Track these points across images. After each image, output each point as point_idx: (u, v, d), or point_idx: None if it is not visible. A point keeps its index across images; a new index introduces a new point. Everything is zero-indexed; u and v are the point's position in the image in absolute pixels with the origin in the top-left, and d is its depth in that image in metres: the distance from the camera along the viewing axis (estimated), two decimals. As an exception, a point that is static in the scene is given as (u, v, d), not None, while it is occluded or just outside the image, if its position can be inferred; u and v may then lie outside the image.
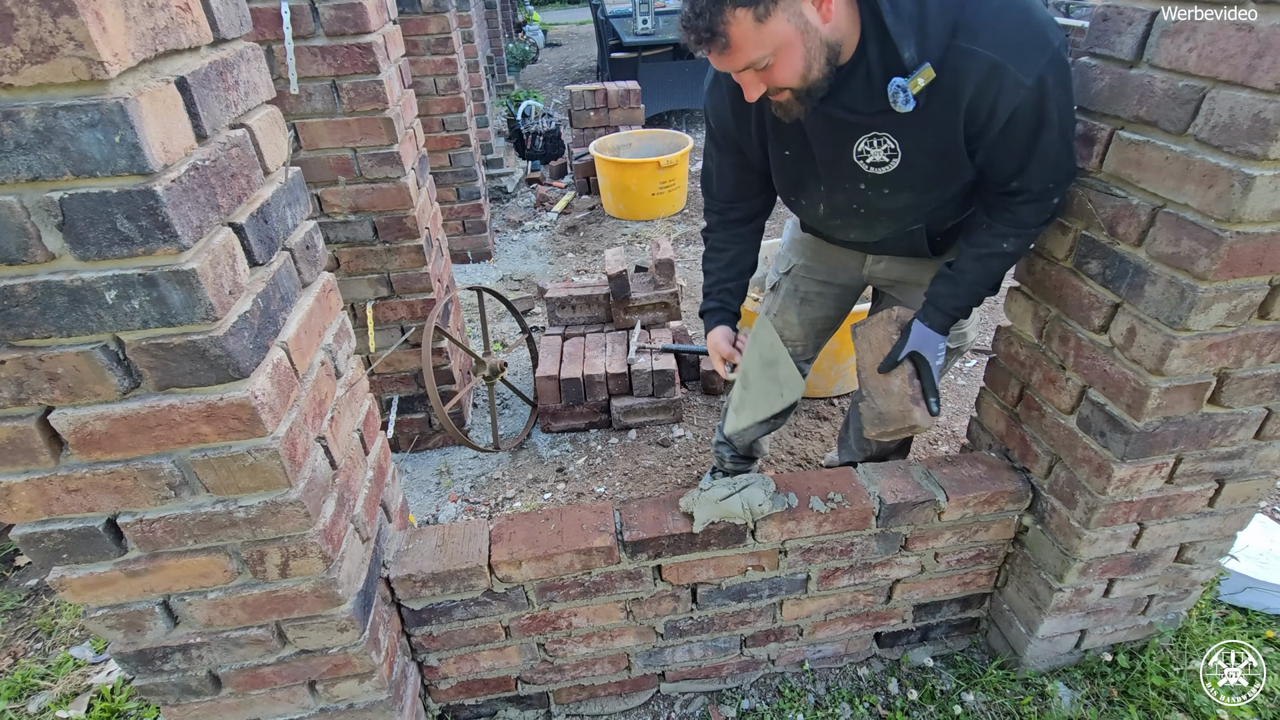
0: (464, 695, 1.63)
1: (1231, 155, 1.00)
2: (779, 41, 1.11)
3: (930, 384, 1.41)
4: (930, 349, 1.41)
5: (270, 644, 1.20)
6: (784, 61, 1.14)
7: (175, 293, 0.81)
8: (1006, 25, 1.11)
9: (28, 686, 1.85)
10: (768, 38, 1.10)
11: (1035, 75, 1.11)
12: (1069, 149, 1.23)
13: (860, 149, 1.31)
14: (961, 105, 1.17)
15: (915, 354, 1.42)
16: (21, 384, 0.85)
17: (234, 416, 0.92)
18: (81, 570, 1.03)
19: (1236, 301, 1.11)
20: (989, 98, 1.15)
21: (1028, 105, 1.15)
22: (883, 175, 1.33)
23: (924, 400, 1.41)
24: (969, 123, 1.20)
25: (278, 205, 1.02)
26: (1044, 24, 1.12)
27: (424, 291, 2.31)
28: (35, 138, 0.71)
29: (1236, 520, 1.50)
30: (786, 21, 1.09)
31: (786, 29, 1.10)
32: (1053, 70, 1.12)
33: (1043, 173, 1.23)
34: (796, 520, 1.43)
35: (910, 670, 1.77)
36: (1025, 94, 1.13)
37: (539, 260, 4.37)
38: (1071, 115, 1.21)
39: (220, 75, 0.89)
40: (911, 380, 1.42)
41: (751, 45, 1.11)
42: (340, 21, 1.82)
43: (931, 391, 1.41)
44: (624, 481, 2.48)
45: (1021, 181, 1.26)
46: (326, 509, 1.12)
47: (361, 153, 2.02)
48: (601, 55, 8.14)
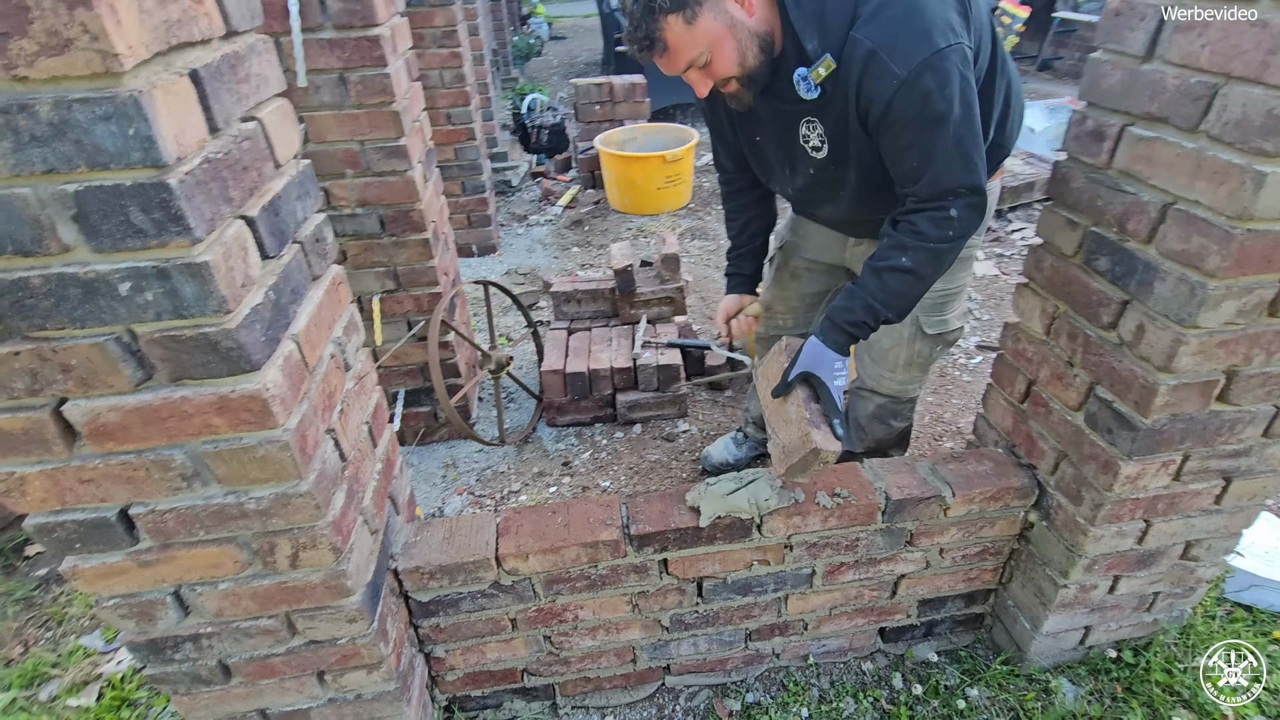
0: (471, 686, 1.64)
1: (1244, 152, 1.00)
2: (711, 38, 1.23)
3: (831, 406, 1.31)
4: (825, 368, 1.32)
5: (280, 634, 1.21)
6: (720, 55, 1.25)
7: (188, 285, 0.81)
8: (888, 17, 1.16)
9: (38, 675, 1.87)
10: (700, 36, 1.22)
11: (909, 68, 1.15)
12: (963, 160, 1.23)
13: (803, 132, 1.38)
14: (851, 92, 1.24)
15: (810, 376, 1.33)
16: (36, 375, 0.86)
17: (245, 408, 0.92)
18: (94, 560, 1.04)
19: (1246, 299, 1.10)
20: (866, 85, 1.21)
21: (904, 99, 1.18)
22: (822, 160, 1.40)
23: (824, 423, 1.30)
24: (859, 110, 1.26)
25: (289, 198, 1.02)
26: (931, 23, 1.15)
27: (430, 285, 2.31)
28: (50, 130, 0.71)
29: (1243, 518, 1.49)
30: (714, 19, 1.21)
31: (715, 26, 1.22)
32: (932, 69, 1.15)
33: (932, 176, 1.24)
34: (802, 515, 1.44)
35: (914, 665, 1.78)
36: (898, 86, 1.17)
37: (544, 254, 4.37)
38: (969, 127, 1.21)
39: (232, 68, 0.89)
40: (808, 404, 1.32)
41: (687, 45, 1.23)
42: (348, 14, 1.82)
43: (834, 414, 1.30)
44: (629, 476, 2.48)
45: (913, 186, 1.28)
46: (336, 501, 1.12)
47: (369, 146, 2.02)
48: (606, 49, 8.12)
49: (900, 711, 1.64)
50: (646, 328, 2.83)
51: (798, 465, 1.30)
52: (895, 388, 1.82)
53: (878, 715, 1.66)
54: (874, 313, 1.34)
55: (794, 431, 1.32)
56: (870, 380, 1.85)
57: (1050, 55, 8.13)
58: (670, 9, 1.18)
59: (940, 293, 1.66)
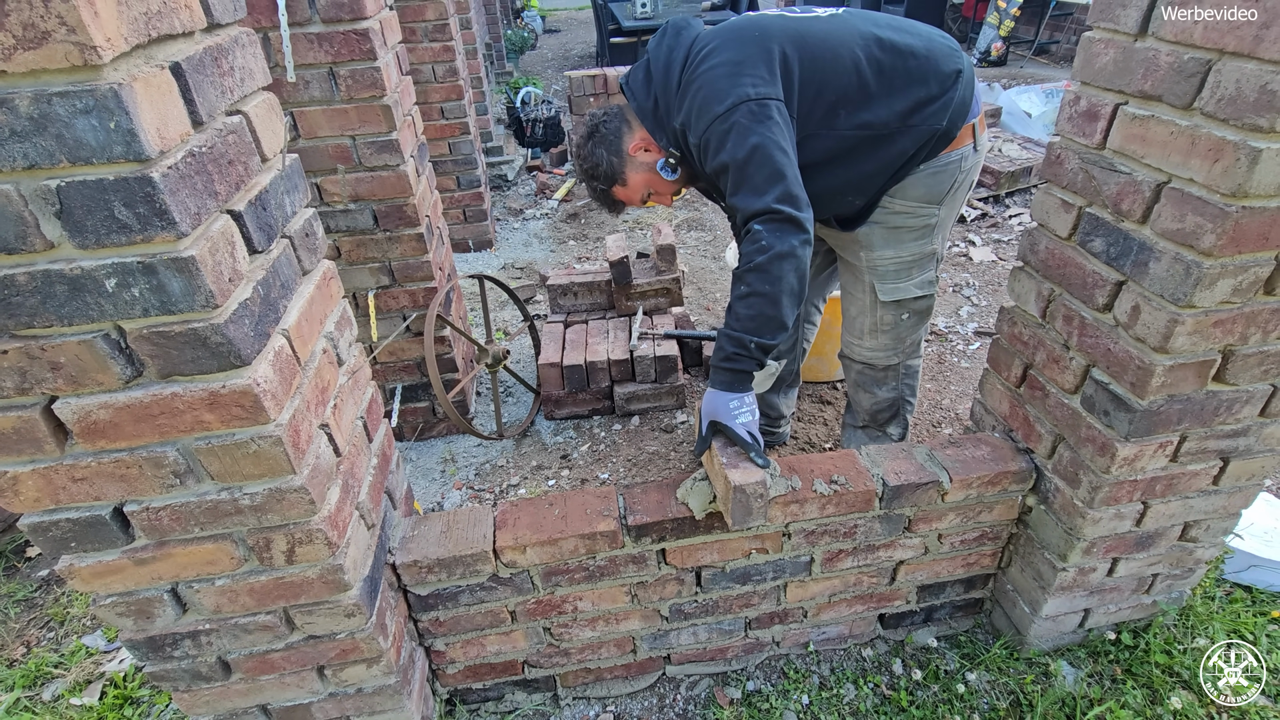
0: (472, 679, 1.65)
1: (1238, 128, 0.99)
2: (642, 184, 1.68)
3: (742, 443, 1.37)
4: (723, 412, 1.40)
5: (278, 630, 1.21)
6: (659, 190, 1.71)
7: (175, 280, 0.81)
8: (691, 103, 1.50)
9: (41, 675, 1.87)
10: (634, 190, 1.70)
11: (698, 135, 1.49)
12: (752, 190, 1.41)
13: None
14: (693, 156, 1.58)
15: (716, 424, 1.40)
16: (24, 374, 0.85)
17: (236, 404, 0.92)
18: (90, 558, 1.04)
19: (1242, 277, 1.10)
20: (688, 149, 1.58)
21: (703, 154, 1.51)
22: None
23: (741, 461, 1.35)
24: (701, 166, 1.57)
25: (276, 192, 1.02)
26: (711, 97, 1.44)
27: (425, 280, 2.30)
28: (30, 125, 0.70)
29: (1241, 498, 1.49)
30: (636, 173, 1.67)
31: (639, 178, 1.68)
32: (711, 131, 1.45)
33: (735, 204, 1.44)
34: (800, 503, 1.44)
35: (914, 651, 1.78)
36: (697, 146, 1.51)
37: (540, 248, 4.36)
38: (751, 164, 1.41)
39: (215, 61, 0.88)
40: (724, 451, 1.37)
41: (632, 195, 1.71)
42: (336, 8, 1.81)
43: (749, 448, 1.37)
44: (628, 467, 2.48)
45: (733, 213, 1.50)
46: (331, 495, 1.12)
47: (360, 140, 2.01)
48: (600, 40, 8.08)
49: (900, 697, 1.64)
50: (643, 319, 2.82)
51: (739, 510, 1.31)
52: (867, 354, 1.91)
53: (878, 701, 1.66)
54: (739, 341, 1.40)
55: (720, 482, 1.36)
56: (845, 346, 1.98)
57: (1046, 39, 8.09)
58: (606, 184, 1.68)
59: (892, 259, 1.75)
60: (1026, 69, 7.64)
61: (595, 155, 1.64)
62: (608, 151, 1.64)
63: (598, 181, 1.67)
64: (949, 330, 3.21)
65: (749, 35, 1.50)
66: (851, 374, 2.01)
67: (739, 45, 1.48)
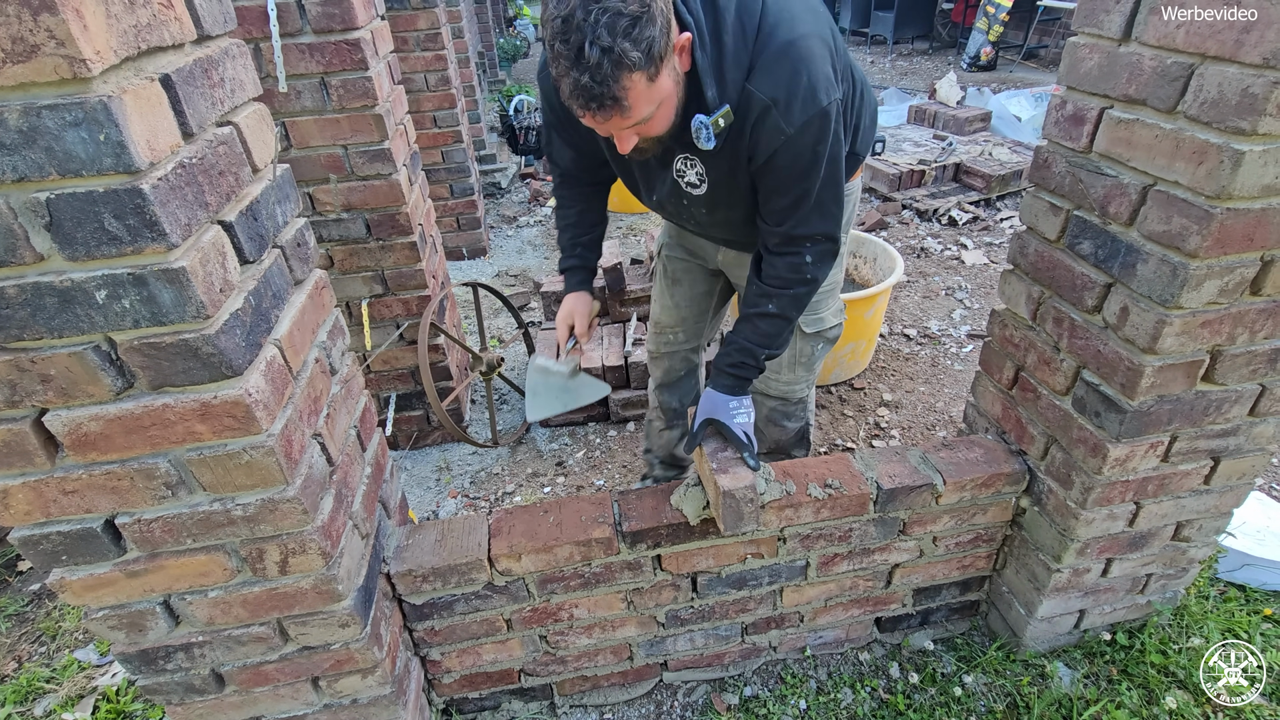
0: (468, 689, 1.64)
1: (1221, 131, 1.00)
2: (663, 96, 1.15)
3: (737, 443, 1.39)
4: (721, 411, 1.41)
5: (272, 641, 1.20)
6: (663, 114, 1.18)
7: (165, 291, 0.81)
8: (782, 74, 1.18)
9: (33, 690, 1.85)
10: (656, 95, 1.13)
11: (795, 126, 1.19)
12: (821, 212, 1.29)
13: (678, 167, 1.38)
14: (745, 139, 1.24)
15: (712, 421, 1.41)
16: (14, 386, 0.85)
17: (228, 414, 0.92)
18: (81, 571, 1.03)
19: (1228, 278, 1.11)
20: (757, 135, 1.22)
21: (786, 153, 1.23)
22: (697, 195, 1.40)
23: (733, 465, 1.35)
24: (748, 158, 1.28)
25: (267, 202, 1.02)
26: (816, 82, 1.18)
27: (419, 288, 2.30)
28: (19, 138, 0.70)
29: (1233, 497, 1.50)
30: (668, 77, 1.13)
31: (669, 84, 1.14)
32: (813, 127, 1.20)
33: (794, 222, 1.30)
34: (794, 507, 1.44)
35: (911, 654, 1.78)
36: (784, 141, 1.21)
37: (534, 255, 4.37)
38: (832, 182, 1.27)
39: (205, 72, 0.89)
40: (715, 456, 1.37)
41: (644, 104, 1.12)
42: (327, 18, 1.81)
43: (742, 449, 1.38)
44: (623, 474, 2.48)
45: (776, 226, 1.33)
46: (324, 505, 1.12)
47: (352, 150, 2.01)
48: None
49: (898, 700, 1.64)
50: (637, 325, 2.83)
51: (730, 515, 1.31)
52: (783, 389, 1.82)
53: (875, 705, 1.66)
54: (751, 354, 1.41)
55: (711, 488, 1.37)
56: (759, 384, 1.84)
57: (1035, 44, 8.16)
58: (639, 65, 1.05)
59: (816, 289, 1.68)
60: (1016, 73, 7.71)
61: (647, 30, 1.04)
62: (660, 34, 1.08)
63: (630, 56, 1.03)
64: (942, 333, 3.22)
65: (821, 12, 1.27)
66: (763, 410, 1.87)
67: (815, 19, 1.22)
